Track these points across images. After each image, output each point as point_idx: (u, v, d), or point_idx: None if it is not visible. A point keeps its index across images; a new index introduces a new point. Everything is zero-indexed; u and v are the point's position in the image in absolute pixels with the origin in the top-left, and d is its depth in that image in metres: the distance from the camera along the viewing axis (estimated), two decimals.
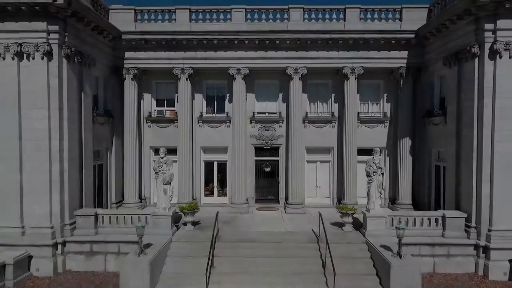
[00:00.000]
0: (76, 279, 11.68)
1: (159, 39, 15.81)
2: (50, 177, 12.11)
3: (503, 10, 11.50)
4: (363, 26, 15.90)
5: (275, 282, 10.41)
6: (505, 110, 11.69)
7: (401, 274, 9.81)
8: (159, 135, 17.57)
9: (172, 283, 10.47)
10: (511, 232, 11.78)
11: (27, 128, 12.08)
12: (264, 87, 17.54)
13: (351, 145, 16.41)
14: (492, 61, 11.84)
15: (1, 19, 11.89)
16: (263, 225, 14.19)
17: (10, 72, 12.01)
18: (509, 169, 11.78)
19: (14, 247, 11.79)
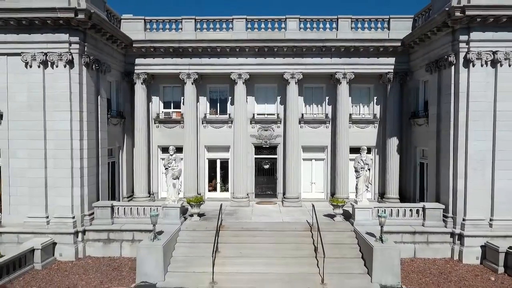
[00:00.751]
0: (95, 263, 13.13)
1: (167, 47, 17.24)
2: (72, 173, 13.54)
3: (475, 23, 12.93)
4: (354, 35, 17.35)
5: (273, 263, 11.85)
6: (477, 113, 13.13)
7: (382, 256, 11.24)
8: (166, 135, 19.01)
9: (182, 264, 11.91)
10: (482, 221, 13.24)
11: (51, 129, 13.52)
12: (263, 90, 18.99)
13: (344, 144, 17.84)
14: (466, 69, 13.27)
15: (29, 32, 13.32)
16: (262, 216, 15.64)
17: (36, 79, 13.45)
18: (480, 166, 13.23)
19: (40, 234, 13.26)
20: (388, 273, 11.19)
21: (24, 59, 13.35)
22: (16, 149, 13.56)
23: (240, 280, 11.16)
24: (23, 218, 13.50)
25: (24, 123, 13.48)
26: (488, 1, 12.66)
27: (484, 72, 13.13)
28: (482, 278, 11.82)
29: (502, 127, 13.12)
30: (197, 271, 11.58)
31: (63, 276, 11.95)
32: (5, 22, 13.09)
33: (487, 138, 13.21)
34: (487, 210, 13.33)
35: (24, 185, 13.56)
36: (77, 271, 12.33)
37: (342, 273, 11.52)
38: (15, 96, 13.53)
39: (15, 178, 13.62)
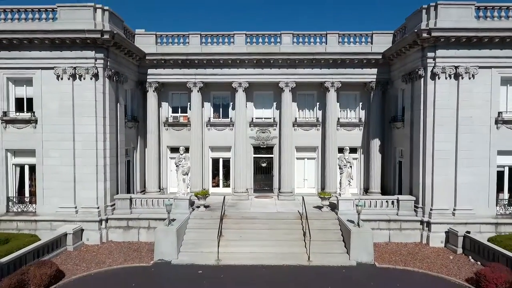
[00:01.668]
0: (117, 246, 15.45)
1: (175, 59, 19.54)
2: (97, 169, 15.86)
3: (440, 43, 15.23)
4: (341, 49, 19.65)
5: (268, 245, 14.14)
6: (442, 119, 15.43)
7: (358, 238, 13.54)
8: (175, 137, 21.31)
9: (192, 246, 14.21)
10: (447, 210, 15.56)
11: (78, 132, 15.82)
12: (261, 97, 21.29)
13: (332, 145, 20.14)
14: (433, 81, 15.58)
15: (60, 49, 15.63)
16: (259, 208, 17.95)
17: (66, 89, 15.76)
18: (445, 164, 15.54)
19: (70, 222, 15.58)
20: (363, 252, 13.50)
21: (56, 72, 15.67)
22: (49, 149, 15.87)
23: (240, 257, 13.46)
24: (55, 209, 15.83)
25: (56, 127, 15.79)
26: (450, 24, 14.97)
27: (448, 84, 15.44)
28: (443, 257, 14.13)
29: (463, 131, 15.42)
30: (204, 251, 13.88)
31: (92, 255, 14.25)
32: (41, 41, 15.41)
33: (451, 140, 15.51)
34: (451, 201, 15.63)
35: (56, 180, 15.87)
36: (103, 252, 14.65)
37: (326, 253, 13.83)
38: (48, 104, 15.84)
39: (48, 174, 15.92)
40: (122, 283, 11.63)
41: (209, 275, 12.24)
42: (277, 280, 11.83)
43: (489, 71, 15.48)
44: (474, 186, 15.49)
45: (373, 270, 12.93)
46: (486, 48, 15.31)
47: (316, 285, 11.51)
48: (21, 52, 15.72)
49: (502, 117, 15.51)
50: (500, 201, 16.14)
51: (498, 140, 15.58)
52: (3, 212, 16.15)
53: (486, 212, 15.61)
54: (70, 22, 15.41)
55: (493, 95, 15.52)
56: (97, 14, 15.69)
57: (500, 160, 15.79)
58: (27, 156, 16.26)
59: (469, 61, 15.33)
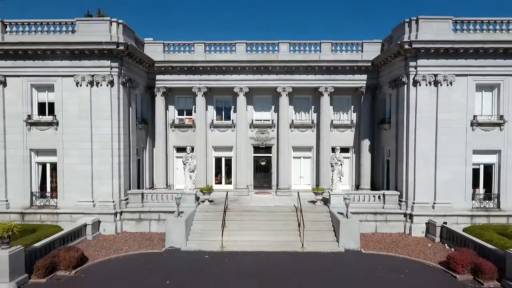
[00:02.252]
0: (131, 236, 17.17)
1: (181, 66, 21.26)
2: (112, 167, 17.57)
3: (421, 53, 16.96)
4: (334, 56, 21.37)
5: (266, 234, 15.87)
6: (423, 122, 17.16)
7: (347, 228, 15.26)
8: (180, 137, 23.04)
9: (199, 235, 15.94)
10: (427, 204, 17.29)
11: (96, 133, 17.53)
12: (260, 101, 23.02)
13: (326, 145, 21.87)
14: (415, 88, 17.30)
15: (79, 59, 17.34)
16: (259, 202, 19.68)
17: (85, 95, 17.47)
18: (426, 162, 17.26)
19: (88, 215, 17.29)
20: (350, 240, 15.23)
21: (76, 80, 17.38)
22: (69, 149, 17.60)
23: (241, 245, 15.18)
24: (74, 202, 17.55)
25: (75, 129, 17.50)
26: (430, 36, 16.71)
27: (428, 90, 17.17)
28: (422, 245, 15.87)
29: (442, 132, 17.15)
30: (210, 239, 15.60)
31: (110, 243, 15.98)
32: (62, 52, 17.13)
33: (431, 140, 17.24)
34: (431, 196, 17.36)
35: (75, 177, 17.59)
36: (119, 241, 16.38)
37: (318, 241, 15.56)
38: (68, 108, 17.55)
39: (68, 172, 17.65)
40: (139, 266, 13.35)
41: (214, 259, 13.97)
42: (275, 264, 13.54)
43: (465, 79, 17.21)
44: (452, 182, 17.23)
45: (359, 255, 14.66)
46: (462, 58, 17.04)
47: (308, 267, 13.22)
48: (44, 61, 17.44)
49: (477, 120, 17.24)
50: (476, 195, 17.89)
51: (474, 140, 17.30)
52: (27, 205, 17.88)
53: (463, 206, 17.34)
54: (88, 34, 17.12)
55: (469, 100, 17.25)
56: (112, 27, 17.41)
57: (476, 158, 17.53)
58: (49, 155, 17.98)
59: (447, 70, 17.06)
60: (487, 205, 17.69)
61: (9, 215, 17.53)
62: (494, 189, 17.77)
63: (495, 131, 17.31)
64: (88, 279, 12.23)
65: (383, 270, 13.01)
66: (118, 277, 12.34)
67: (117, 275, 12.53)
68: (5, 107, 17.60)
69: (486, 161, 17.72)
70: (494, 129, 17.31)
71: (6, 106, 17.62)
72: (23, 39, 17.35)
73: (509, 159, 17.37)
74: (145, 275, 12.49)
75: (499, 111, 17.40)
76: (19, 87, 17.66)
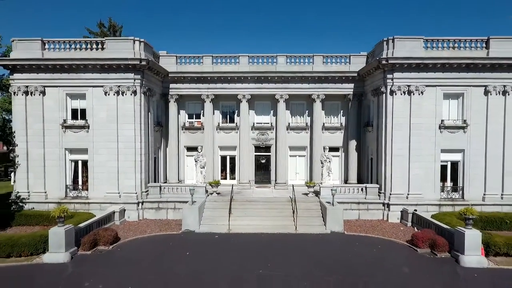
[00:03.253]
0: (151, 222, 20.31)
1: (192, 76, 24.40)
2: (135, 164, 20.70)
3: (396, 67, 20.06)
4: (325, 68, 24.50)
5: (265, 219, 18.98)
6: (398, 125, 20.26)
7: (332, 213, 18.37)
8: (190, 138, 26.18)
9: (209, 220, 19.07)
10: (402, 195, 20.39)
11: (121, 135, 20.65)
12: (261, 106, 26.15)
13: (318, 145, 24.98)
14: (391, 96, 20.40)
15: (107, 72, 20.46)
16: (259, 194, 22.81)
17: (112, 102, 20.59)
18: (401, 160, 20.36)
19: (115, 204, 20.42)
20: (335, 224, 18.35)
21: (104, 90, 20.52)
22: (98, 148, 20.73)
23: (245, 228, 18.30)
24: (103, 194, 20.69)
25: (103, 131, 20.64)
26: (404, 53, 19.81)
27: (402, 99, 20.27)
28: (396, 229, 18.98)
29: (414, 134, 20.25)
30: (219, 224, 18.73)
31: (135, 227, 19.12)
32: (93, 66, 20.24)
33: (405, 141, 20.34)
34: (405, 188, 20.45)
35: (103, 172, 20.72)
36: (142, 225, 19.53)
37: (309, 225, 18.68)
38: (97, 113, 20.69)
39: (97, 167, 20.78)
40: (162, 243, 16.48)
41: (223, 238, 17.10)
42: (272, 242, 16.63)
43: (434, 89, 20.32)
44: (423, 176, 20.34)
45: (342, 235, 17.77)
46: (432, 71, 20.13)
47: (299, 244, 16.32)
48: (77, 74, 20.58)
49: (444, 124, 20.35)
50: (445, 188, 21.00)
51: (442, 141, 20.41)
52: (63, 196, 21.03)
53: (432, 196, 20.45)
54: (115, 51, 20.26)
55: (437, 107, 20.35)
56: (135, 44, 20.55)
57: (443, 156, 20.64)
58: (81, 154, 21.11)
59: (419, 81, 20.16)
60: (453, 196, 20.80)
61: (47, 204, 20.69)
62: (460, 183, 20.87)
63: (459, 133, 20.42)
64: (123, 251, 15.38)
65: (360, 245, 16.14)
66: (147, 250, 15.48)
67: (145, 249, 15.69)
68: (44, 113, 20.74)
69: (452, 158, 20.83)
70: (459, 131, 20.41)
71: (45, 112, 20.76)
72: (60, 55, 20.52)
73: (471, 157, 20.47)
74: (168, 249, 15.64)
75: (463, 116, 20.50)
76: (56, 96, 20.80)
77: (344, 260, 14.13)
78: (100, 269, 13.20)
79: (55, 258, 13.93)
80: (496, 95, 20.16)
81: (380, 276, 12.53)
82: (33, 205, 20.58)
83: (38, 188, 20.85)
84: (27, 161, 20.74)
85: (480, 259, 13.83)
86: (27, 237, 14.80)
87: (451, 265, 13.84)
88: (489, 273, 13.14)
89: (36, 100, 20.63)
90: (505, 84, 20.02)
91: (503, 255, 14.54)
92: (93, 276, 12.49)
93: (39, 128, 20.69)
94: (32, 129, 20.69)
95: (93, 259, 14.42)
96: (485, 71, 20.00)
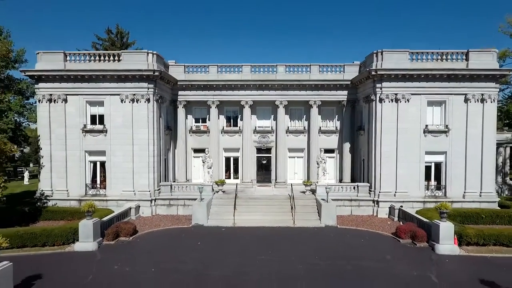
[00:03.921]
0: (164, 217, 22.48)
1: (199, 84, 26.59)
2: (148, 165, 22.87)
3: (384, 77, 22.22)
4: (321, 76, 26.67)
5: (266, 215, 21.14)
6: (386, 129, 22.42)
7: (326, 209, 20.53)
8: (197, 141, 28.36)
9: (216, 215, 21.24)
10: (390, 192, 22.55)
11: (136, 138, 22.82)
12: (262, 111, 28.33)
13: (315, 147, 27.14)
14: (380, 104, 22.56)
15: (123, 82, 22.61)
16: (261, 192, 24.99)
17: (127, 109, 22.77)
18: (388, 161, 22.52)
19: (130, 201, 22.60)
20: (329, 219, 20.50)
21: (121, 98, 22.70)
22: (115, 150, 22.90)
23: (248, 222, 20.45)
24: (119, 192, 22.86)
25: (120, 135, 22.81)
26: (391, 65, 21.97)
27: (390, 106, 22.43)
28: (383, 223, 21.13)
29: (401, 138, 22.39)
30: (224, 218, 20.90)
31: (149, 222, 21.29)
32: (111, 76, 22.42)
33: (393, 144, 22.51)
34: (393, 186, 22.62)
35: (120, 172, 22.89)
36: (156, 220, 21.70)
37: (305, 219, 20.84)
38: (114, 119, 22.86)
39: (114, 168, 22.95)
40: (175, 234, 18.65)
41: (229, 231, 19.26)
42: (272, 233, 18.78)
43: (419, 97, 22.47)
44: (409, 176, 22.50)
45: (335, 229, 19.93)
46: (417, 81, 22.28)
47: (296, 235, 18.48)
48: (96, 84, 22.74)
49: (428, 128, 22.51)
50: (430, 186, 23.16)
51: (426, 144, 22.57)
52: (83, 194, 23.22)
53: (418, 194, 22.62)
54: (130, 63, 22.45)
55: (422, 113, 22.51)
56: (148, 57, 22.73)
57: (428, 158, 22.81)
58: (99, 155, 23.29)
59: (405, 90, 22.32)
60: (436, 193, 22.97)
61: (69, 201, 22.88)
62: (442, 182, 23.04)
63: (442, 137, 22.58)
64: (142, 241, 17.55)
65: (350, 236, 18.31)
66: (162, 240, 17.66)
67: (161, 239, 17.87)
68: (66, 119, 22.93)
69: (436, 160, 23.00)
70: (441, 135, 22.57)
71: (67, 118, 22.94)
72: (80, 66, 22.71)
73: (453, 159, 22.63)
74: (181, 239, 17.82)
75: (445, 122, 22.66)
76: (76, 103, 22.98)
77: (335, 248, 16.29)
78: (125, 256, 15.35)
79: (84, 247, 16.10)
80: (475, 103, 22.31)
81: (366, 261, 14.66)
82: (56, 202, 22.74)
83: (61, 187, 23.04)
84: (51, 162, 22.94)
85: (453, 248, 15.98)
86: (59, 229, 16.97)
87: (427, 252, 16.00)
88: (459, 259, 15.31)
89: (59, 107, 22.83)
90: (483, 92, 22.17)
91: (474, 244, 16.68)
92: (120, 261, 14.64)
93: (62, 132, 22.88)
94: (55, 133, 22.88)
95: (117, 248, 16.60)
96: (465, 81, 22.15)
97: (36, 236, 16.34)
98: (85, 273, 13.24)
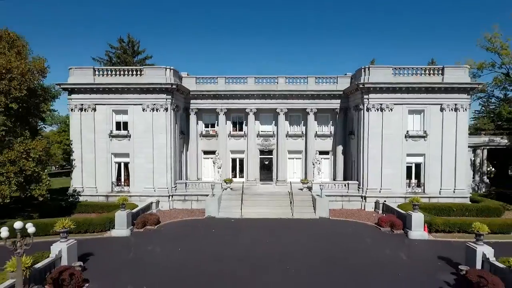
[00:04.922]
0: (180, 210, 25.97)
1: (208, 94, 30.07)
2: (166, 165, 26.36)
3: (371, 90, 25.67)
4: (317, 87, 30.14)
5: (269, 208, 24.61)
6: (373, 135, 25.88)
7: (320, 203, 23.99)
8: (207, 144, 31.85)
9: (226, 208, 24.70)
10: (375, 189, 26.01)
11: (155, 142, 26.31)
12: (265, 117, 31.81)
13: (312, 149, 30.62)
14: (368, 112, 26.02)
15: (145, 93, 26.10)
16: (264, 189, 28.49)
17: (148, 117, 26.26)
18: (375, 162, 25.97)
19: (151, 197, 26.10)
20: (323, 211, 23.98)
21: (142, 107, 26.20)
22: (137, 153, 26.40)
23: (254, 214, 23.93)
24: (141, 189, 26.35)
25: (141, 140, 26.30)
26: (377, 79, 25.42)
27: (376, 114, 25.89)
28: (369, 215, 24.61)
29: (385, 142, 25.84)
30: (233, 211, 24.38)
31: (168, 214, 24.77)
32: (134, 89, 25.92)
33: (378, 147, 25.96)
34: (378, 184, 26.07)
35: (141, 172, 26.39)
36: (173, 213, 25.20)
37: (302, 212, 24.32)
38: (137, 126, 26.35)
39: (137, 168, 26.44)
40: (192, 224, 22.14)
41: (237, 221, 22.75)
42: (274, 223, 22.26)
43: (401, 106, 25.92)
44: (392, 175, 25.95)
45: (328, 220, 23.41)
46: (399, 93, 25.72)
47: (295, 225, 21.95)
48: (121, 95, 26.23)
49: (409, 134, 25.96)
50: (411, 184, 26.61)
51: (407, 147, 26.01)
52: (109, 191, 26.72)
53: (400, 191, 26.07)
54: (151, 77, 25.95)
55: (403, 120, 25.96)
56: (167, 71, 26.21)
57: (409, 159, 26.26)
58: (123, 157, 26.78)
59: (389, 101, 25.77)
60: (416, 190, 26.42)
61: (98, 197, 26.37)
62: (422, 180, 26.49)
63: (421, 141, 26.03)
64: (165, 229, 21.05)
65: (340, 226, 21.80)
66: (182, 228, 21.16)
67: (181, 228, 21.37)
68: (95, 125, 26.42)
69: (416, 161, 26.46)
70: (420, 140, 26.02)
71: (96, 125, 26.44)
72: (107, 80, 26.20)
73: (430, 160, 26.08)
74: (198, 228, 21.32)
75: (424, 128, 26.09)
76: (104, 112, 26.47)
77: (326, 235, 19.78)
78: (154, 240, 18.85)
79: (120, 233, 19.59)
80: (450, 111, 25.76)
81: (350, 244, 18.14)
82: (86, 198, 26.23)
83: (90, 184, 26.54)
84: (82, 163, 26.44)
85: (423, 234, 19.46)
86: (97, 219, 20.48)
87: (402, 237, 19.50)
88: (426, 242, 18.80)
89: (89, 115, 26.34)
90: (456, 103, 25.62)
91: (441, 231, 20.15)
92: (150, 244, 18.13)
93: (91, 137, 26.38)
94: (86, 138, 26.39)
95: (145, 234, 20.11)
96: (441, 92, 25.60)
97: (80, 224, 19.81)
98: (126, 252, 16.77)
